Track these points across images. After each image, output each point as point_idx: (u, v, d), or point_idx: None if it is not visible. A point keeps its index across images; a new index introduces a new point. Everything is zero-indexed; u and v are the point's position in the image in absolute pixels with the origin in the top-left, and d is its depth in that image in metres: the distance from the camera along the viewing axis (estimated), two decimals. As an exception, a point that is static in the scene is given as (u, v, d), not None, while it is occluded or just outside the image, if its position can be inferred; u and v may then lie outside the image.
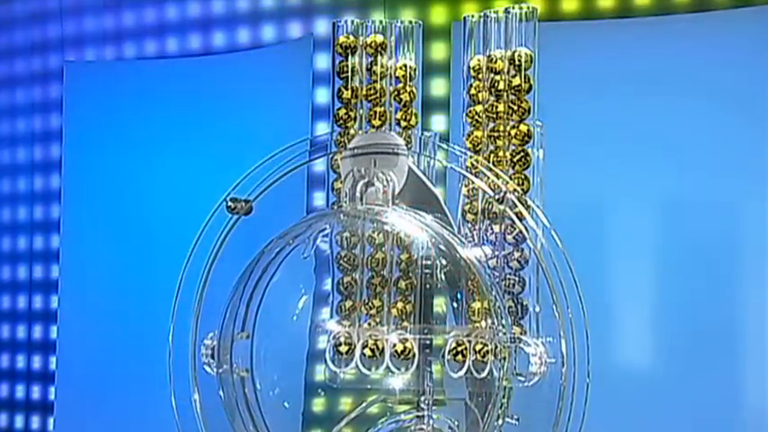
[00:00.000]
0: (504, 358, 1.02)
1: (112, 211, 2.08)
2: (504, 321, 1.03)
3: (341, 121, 1.18)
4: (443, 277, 1.11)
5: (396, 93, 1.17)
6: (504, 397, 1.02)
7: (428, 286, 1.10)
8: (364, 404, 1.11)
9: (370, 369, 1.07)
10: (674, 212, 1.68)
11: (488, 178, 1.07)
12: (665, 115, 1.67)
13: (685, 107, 1.66)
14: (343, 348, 1.08)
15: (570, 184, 1.52)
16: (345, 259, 1.15)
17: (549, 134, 1.12)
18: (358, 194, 1.08)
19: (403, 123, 1.17)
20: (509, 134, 1.10)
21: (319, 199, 1.36)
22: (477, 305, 1.07)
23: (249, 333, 1.13)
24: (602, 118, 1.69)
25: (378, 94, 1.17)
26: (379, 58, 1.17)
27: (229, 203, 1.13)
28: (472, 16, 1.14)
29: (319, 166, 1.20)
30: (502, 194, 1.05)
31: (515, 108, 1.11)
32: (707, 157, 1.66)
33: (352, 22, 1.19)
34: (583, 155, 1.66)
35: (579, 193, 1.64)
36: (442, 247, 1.08)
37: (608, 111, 1.69)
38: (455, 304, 1.11)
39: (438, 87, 1.81)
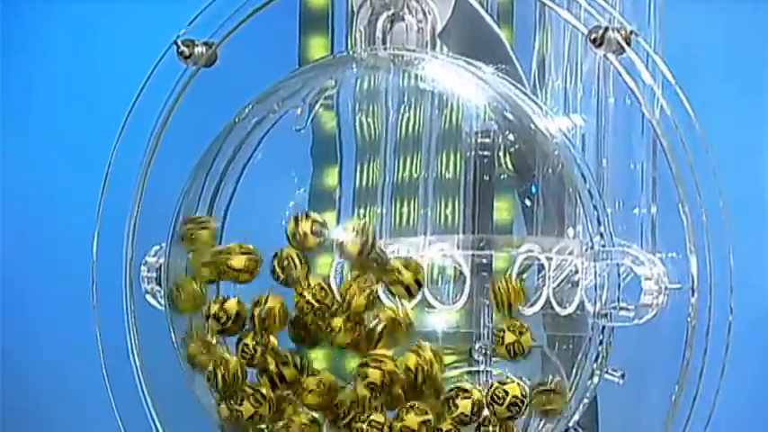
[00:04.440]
0: (602, 285, 0.90)
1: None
2: (602, 229, 0.91)
3: None
4: (509, 163, 0.98)
5: None
6: (601, 343, 0.91)
7: (487, 177, 0.97)
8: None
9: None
10: None
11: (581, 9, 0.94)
12: None
13: None
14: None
15: (706, 21, 1.42)
16: (361, 134, 1.00)
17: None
18: (379, 34, 0.97)
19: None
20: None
21: (319, 46, 1.19)
22: None
23: (215, 245, 1.00)
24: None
25: None
26: None
27: (182, 48, 1.01)
28: None
29: (320, -4, 1.07)
30: (601, 32, 0.90)
31: None
32: None
33: None
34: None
35: (721, 33, 1.50)
36: (509, 116, 0.95)
37: None
38: (528, 203, 0.97)
39: None
